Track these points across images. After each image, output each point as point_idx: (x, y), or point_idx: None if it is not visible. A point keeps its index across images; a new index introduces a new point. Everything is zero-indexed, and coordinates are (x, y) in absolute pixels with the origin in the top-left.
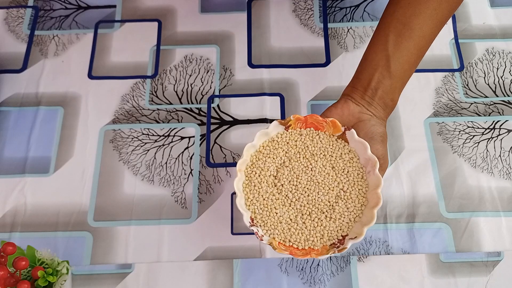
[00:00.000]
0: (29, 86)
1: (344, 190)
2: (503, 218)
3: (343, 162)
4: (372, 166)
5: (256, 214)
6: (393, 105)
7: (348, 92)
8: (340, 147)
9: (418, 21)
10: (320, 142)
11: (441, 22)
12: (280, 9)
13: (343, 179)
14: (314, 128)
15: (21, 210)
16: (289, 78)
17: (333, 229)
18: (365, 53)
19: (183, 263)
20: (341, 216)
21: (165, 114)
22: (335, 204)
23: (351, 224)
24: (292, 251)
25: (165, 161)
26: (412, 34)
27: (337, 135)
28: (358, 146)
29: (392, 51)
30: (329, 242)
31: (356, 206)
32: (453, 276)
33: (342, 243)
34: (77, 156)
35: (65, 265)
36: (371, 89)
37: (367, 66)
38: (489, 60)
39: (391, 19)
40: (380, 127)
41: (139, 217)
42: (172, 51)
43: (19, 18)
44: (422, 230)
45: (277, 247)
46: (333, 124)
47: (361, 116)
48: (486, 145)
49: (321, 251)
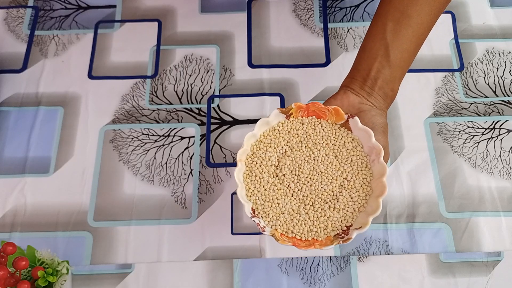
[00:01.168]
0: (29, 86)
1: (347, 179)
2: (503, 218)
3: (347, 150)
4: (377, 154)
5: (258, 205)
6: (393, 95)
7: (347, 83)
8: (343, 136)
9: (415, 9)
10: (323, 131)
11: (438, 9)
12: (280, 9)
13: (346, 168)
14: (316, 117)
15: (21, 210)
16: (289, 78)
17: (337, 219)
18: (363, 43)
19: (183, 263)
20: (345, 206)
21: (165, 114)
22: (338, 194)
23: (356, 214)
24: (295, 242)
25: (165, 161)
26: (410, 21)
27: (340, 123)
28: (362, 134)
29: (391, 40)
30: (333, 232)
31: (361, 196)
32: (453, 276)
33: (347, 233)
34: (77, 156)
35: (65, 265)
36: (371, 79)
37: (366, 56)
38: (489, 60)
39: (389, 7)
40: (381, 118)
41: (139, 217)
42: (172, 51)
43: (19, 18)
44: (422, 230)
45: (279, 238)
46: (336, 112)
47: (361, 107)
48: (486, 145)
49: (325, 242)
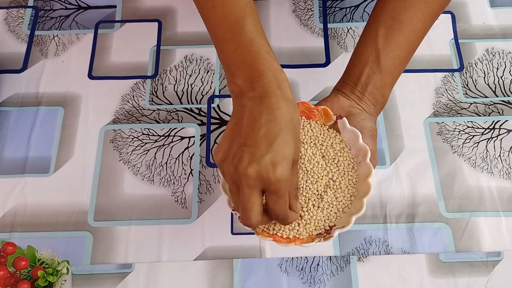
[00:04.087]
0: (29, 86)
1: (333, 179)
2: (503, 218)
3: (334, 151)
4: (363, 156)
5: None
6: (384, 101)
7: (338, 87)
8: (331, 137)
9: (408, 15)
10: (311, 131)
11: (431, 16)
12: (280, 9)
13: (333, 169)
14: (306, 117)
15: (21, 210)
16: (289, 78)
17: (320, 219)
18: (355, 48)
19: (183, 263)
20: (329, 205)
21: (165, 114)
22: (323, 193)
23: (339, 215)
24: (275, 238)
25: (165, 161)
26: (402, 28)
27: (328, 124)
28: (350, 136)
29: (382, 46)
30: (315, 232)
31: (346, 197)
32: (453, 276)
33: (329, 232)
34: (77, 156)
35: (65, 265)
36: (361, 84)
37: (357, 61)
38: (489, 60)
39: (381, 13)
40: (370, 122)
41: (139, 217)
42: (172, 51)
43: (19, 18)
44: (422, 230)
45: (260, 233)
46: (325, 112)
47: (351, 110)
48: (486, 145)
49: (307, 240)
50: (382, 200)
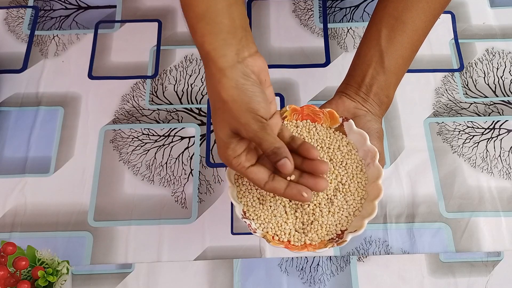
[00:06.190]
0: (29, 86)
1: (342, 183)
2: (503, 218)
3: (341, 154)
4: (372, 158)
5: (249, 207)
6: (389, 102)
7: (342, 89)
8: (338, 139)
9: (410, 15)
10: (317, 134)
11: (433, 15)
12: (280, 9)
13: (341, 172)
14: (311, 120)
15: (21, 210)
16: (289, 78)
17: (331, 223)
18: (358, 50)
19: (183, 263)
20: (340, 209)
21: (165, 114)
22: (333, 197)
23: (351, 218)
24: (287, 245)
25: (165, 161)
26: (405, 28)
27: (334, 127)
28: (357, 138)
29: (385, 46)
30: (327, 237)
31: (356, 200)
32: (453, 276)
33: (341, 237)
34: (77, 156)
35: (65, 265)
36: (366, 85)
37: (360, 62)
38: (489, 60)
39: (383, 13)
40: (376, 123)
41: (139, 217)
42: (172, 51)
43: (19, 18)
44: (422, 230)
45: (271, 241)
46: (331, 115)
47: (356, 112)
48: (486, 145)
49: (319, 245)
50: (382, 200)
